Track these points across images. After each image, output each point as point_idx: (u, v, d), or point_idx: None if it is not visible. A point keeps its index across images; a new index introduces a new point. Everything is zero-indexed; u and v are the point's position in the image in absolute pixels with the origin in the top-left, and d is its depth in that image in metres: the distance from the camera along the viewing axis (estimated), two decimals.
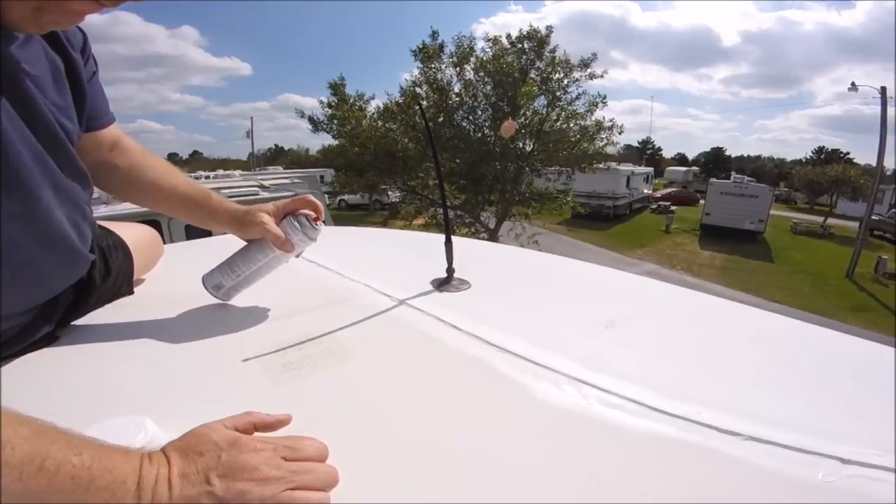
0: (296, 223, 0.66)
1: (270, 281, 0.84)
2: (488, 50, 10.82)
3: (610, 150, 12.09)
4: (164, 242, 0.92)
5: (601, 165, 12.56)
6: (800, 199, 33.65)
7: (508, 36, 10.84)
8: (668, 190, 31.39)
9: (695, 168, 49.68)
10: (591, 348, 0.55)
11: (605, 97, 11.02)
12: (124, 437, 0.34)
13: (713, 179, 24.25)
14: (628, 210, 22.17)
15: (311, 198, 0.69)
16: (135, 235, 0.79)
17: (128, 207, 4.87)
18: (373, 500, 0.34)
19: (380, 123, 10.97)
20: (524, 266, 0.96)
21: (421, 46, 10.72)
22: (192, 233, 4.76)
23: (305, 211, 0.68)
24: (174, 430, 0.35)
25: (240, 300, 0.75)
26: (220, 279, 0.68)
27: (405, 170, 10.66)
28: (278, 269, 0.91)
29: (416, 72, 11.11)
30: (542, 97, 10.69)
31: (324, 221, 0.69)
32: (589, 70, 10.66)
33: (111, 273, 0.70)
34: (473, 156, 10.34)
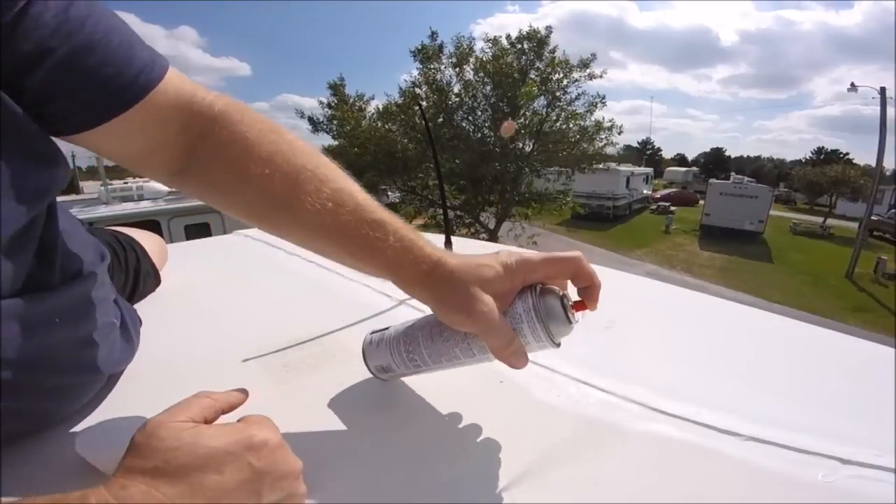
0: (541, 311, 0.36)
1: (270, 281, 0.85)
2: (488, 50, 10.85)
3: (609, 150, 12.11)
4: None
5: (601, 166, 12.59)
6: (799, 200, 33.73)
7: (508, 36, 10.86)
8: (668, 190, 31.44)
9: (694, 168, 49.83)
10: (591, 348, 0.55)
11: (604, 97, 11.05)
12: (124, 438, 0.34)
13: (713, 180, 24.32)
14: (628, 210, 22.20)
15: (582, 261, 0.37)
16: (149, 247, 0.75)
17: (127, 208, 4.90)
18: (373, 500, 0.34)
19: (379, 124, 10.99)
20: None
21: (420, 47, 10.74)
22: (193, 233, 4.78)
23: (557, 287, 0.38)
24: None
25: (240, 300, 0.75)
26: (391, 362, 0.43)
27: (405, 170, 10.67)
28: (278, 269, 0.92)
29: (415, 72, 11.13)
30: (542, 97, 10.71)
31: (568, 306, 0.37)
32: (588, 70, 10.68)
33: (134, 297, 0.68)
34: (473, 156, 10.35)
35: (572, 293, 0.38)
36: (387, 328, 0.45)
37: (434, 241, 0.41)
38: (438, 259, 0.37)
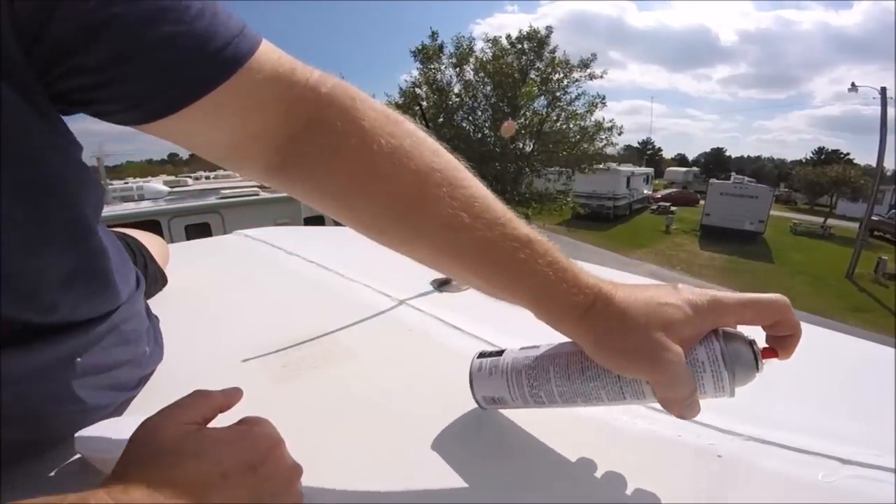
0: (728, 359, 0.31)
1: (270, 281, 0.85)
2: (488, 50, 10.88)
3: (609, 150, 12.15)
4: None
5: (601, 166, 12.63)
6: (800, 200, 33.73)
7: (508, 37, 10.89)
8: (668, 190, 31.43)
9: (695, 169, 49.86)
10: None
11: (603, 97, 11.08)
12: (123, 436, 0.34)
13: (713, 180, 24.28)
14: (628, 210, 22.18)
15: (788, 308, 0.31)
16: (153, 249, 0.74)
17: (127, 208, 4.90)
18: (372, 500, 0.34)
19: None
20: None
21: (420, 47, 10.76)
22: (193, 233, 4.78)
23: (744, 333, 0.32)
24: None
25: (240, 300, 0.75)
26: (506, 395, 0.38)
27: None
28: (278, 269, 0.92)
29: (415, 73, 11.16)
30: (542, 98, 10.74)
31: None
32: (588, 70, 10.70)
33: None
34: (473, 156, 10.35)
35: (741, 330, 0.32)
36: (499, 353, 0.40)
37: None
38: (600, 291, 0.31)
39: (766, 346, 0.32)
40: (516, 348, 0.39)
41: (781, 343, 0.32)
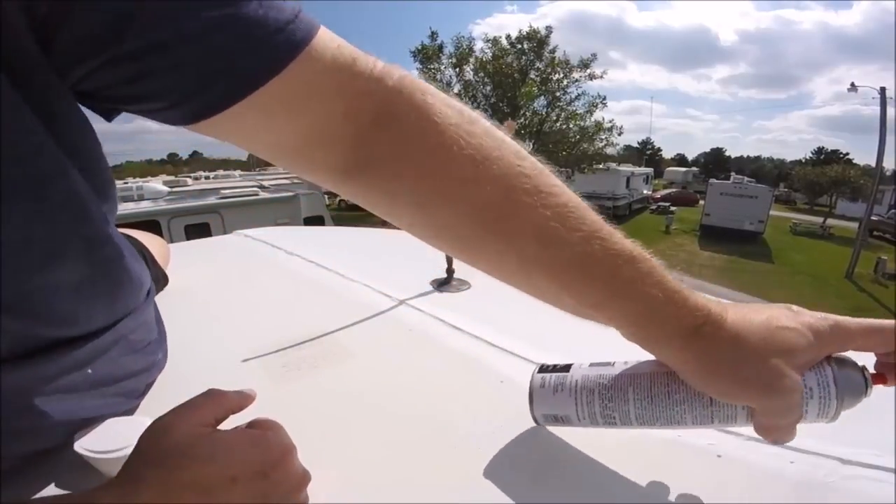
0: (841, 387, 0.29)
1: (270, 281, 0.85)
2: (488, 51, 10.90)
3: (609, 150, 12.18)
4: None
5: (601, 166, 12.65)
6: (799, 200, 33.78)
7: (508, 37, 10.91)
8: (668, 190, 31.44)
9: (694, 169, 49.91)
10: (592, 349, 0.55)
11: (604, 98, 11.10)
12: (123, 438, 0.34)
13: (713, 180, 24.26)
14: (628, 211, 22.17)
15: None
16: (154, 250, 0.73)
17: (127, 208, 4.89)
18: (372, 500, 0.34)
19: None
20: None
21: (420, 47, 10.78)
22: (193, 233, 4.78)
23: (854, 359, 0.31)
24: None
25: (240, 300, 0.75)
26: (573, 414, 0.35)
27: None
28: (278, 269, 0.92)
29: (415, 73, 11.20)
30: (542, 98, 10.77)
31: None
32: (588, 70, 10.72)
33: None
34: None
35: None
36: (565, 368, 0.37)
37: None
38: (710, 312, 0.28)
39: (874, 371, 0.31)
40: (585, 364, 0.37)
41: (892, 369, 0.30)
